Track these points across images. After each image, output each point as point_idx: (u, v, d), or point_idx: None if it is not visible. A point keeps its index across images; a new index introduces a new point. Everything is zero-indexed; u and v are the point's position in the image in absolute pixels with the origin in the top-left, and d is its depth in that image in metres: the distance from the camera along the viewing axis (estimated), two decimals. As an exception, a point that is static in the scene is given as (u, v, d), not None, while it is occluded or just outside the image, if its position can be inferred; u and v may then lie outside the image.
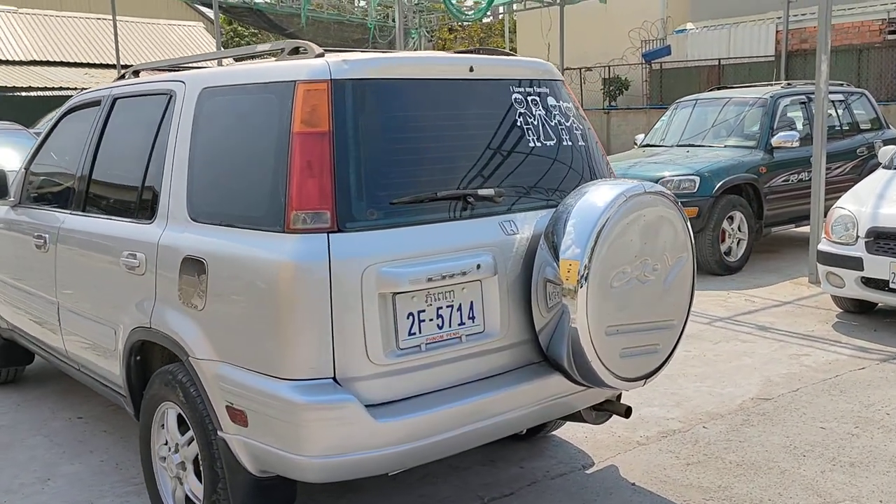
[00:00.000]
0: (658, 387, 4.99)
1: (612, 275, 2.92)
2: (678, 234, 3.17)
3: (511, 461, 4.00)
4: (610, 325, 2.95)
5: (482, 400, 2.87)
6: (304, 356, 2.63)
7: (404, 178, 2.85)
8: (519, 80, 3.29)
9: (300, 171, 2.70)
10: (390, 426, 2.65)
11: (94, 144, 3.90)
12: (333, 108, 2.76)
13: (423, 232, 2.81)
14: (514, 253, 3.01)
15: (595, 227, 2.86)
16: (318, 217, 2.67)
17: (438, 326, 2.83)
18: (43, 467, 4.05)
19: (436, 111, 3.03)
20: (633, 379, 3.11)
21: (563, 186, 3.23)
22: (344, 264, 2.64)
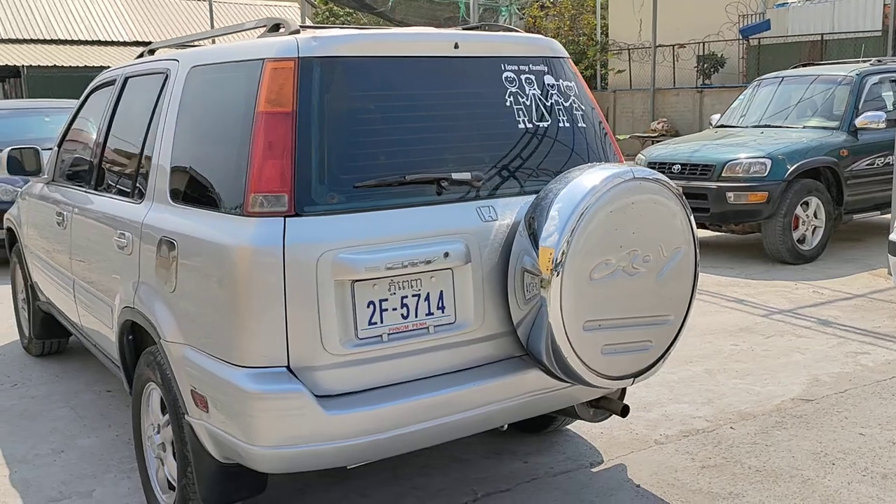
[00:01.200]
0: (693, 382, 4.74)
1: (591, 266, 2.73)
2: (676, 224, 2.95)
3: (516, 455, 3.86)
4: (589, 320, 2.76)
5: (449, 394, 2.74)
6: (258, 343, 2.56)
7: (372, 161, 2.74)
8: (512, 58, 3.12)
9: (261, 153, 2.63)
10: (342, 419, 2.56)
11: (106, 123, 3.94)
12: (299, 87, 2.67)
13: (388, 217, 2.69)
14: (491, 240, 2.86)
15: (572, 214, 2.68)
16: (277, 200, 2.59)
17: (403, 316, 2.71)
18: (61, 439, 4.16)
19: (415, 91, 2.90)
20: (618, 377, 2.92)
21: (556, 171, 3.05)
22: (298, 250, 2.55)
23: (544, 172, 3.03)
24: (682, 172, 8.13)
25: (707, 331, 5.76)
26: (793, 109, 8.91)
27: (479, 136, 2.97)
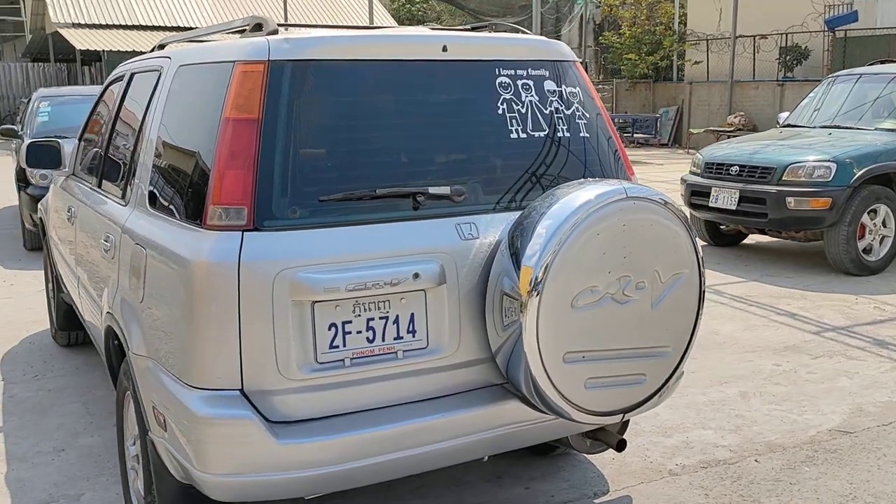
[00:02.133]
0: (724, 406, 4.44)
1: (574, 293, 2.50)
2: (677, 247, 2.69)
3: (519, 479, 3.65)
4: (570, 352, 2.54)
5: (416, 424, 2.56)
6: (211, 364, 2.43)
7: (341, 174, 2.56)
8: (508, 62, 2.89)
9: (224, 162, 2.48)
10: (295, 448, 2.40)
11: (111, 120, 3.88)
12: (267, 92, 2.51)
13: (354, 234, 2.51)
14: (470, 260, 2.65)
15: (552, 237, 2.45)
16: (236, 213, 2.44)
17: (368, 340, 2.53)
18: (65, 437, 4.14)
19: (396, 97, 2.71)
20: (605, 413, 2.68)
21: (550, 184, 2.82)
22: (254, 267, 2.40)
23: (537, 187, 2.81)
24: (741, 174, 7.72)
25: (749, 348, 5.42)
26: (868, 109, 8.36)
27: (465, 146, 2.76)
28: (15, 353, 5.43)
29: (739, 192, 7.63)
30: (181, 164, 2.80)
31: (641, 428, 4.17)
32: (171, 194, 2.81)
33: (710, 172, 8.09)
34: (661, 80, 24.41)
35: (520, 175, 2.82)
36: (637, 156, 19.67)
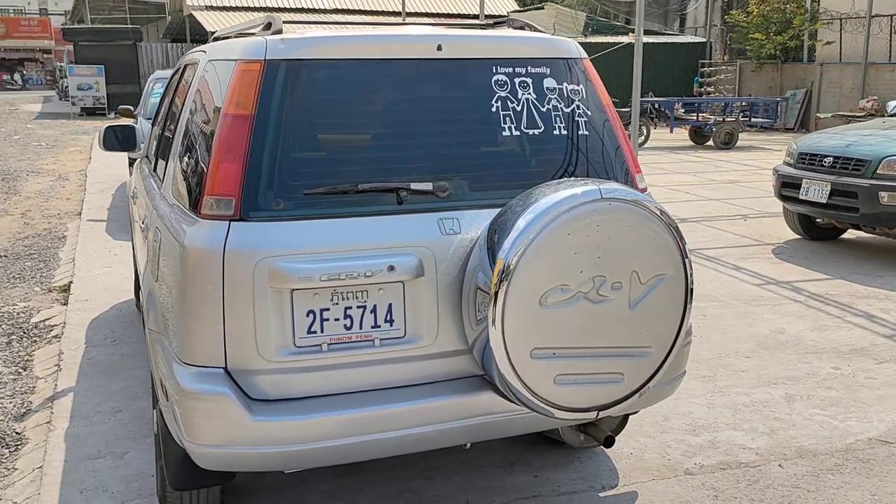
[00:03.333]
0: (764, 407, 4.34)
1: (543, 290, 2.55)
2: (659, 248, 2.68)
3: (529, 467, 3.72)
4: (538, 348, 2.59)
5: (388, 410, 2.67)
6: (198, 343, 2.63)
7: (326, 168, 2.70)
8: (506, 60, 2.94)
9: (219, 155, 2.67)
10: (269, 425, 2.57)
11: (166, 108, 4.16)
12: (261, 89, 2.67)
13: (333, 227, 2.65)
14: (451, 254, 2.74)
15: (520, 235, 2.50)
16: (225, 204, 2.62)
17: (346, 327, 2.66)
18: (125, 399, 4.50)
19: (387, 95, 2.82)
20: (577, 409, 2.71)
21: (540, 182, 2.85)
22: (238, 255, 2.57)
23: (525, 184, 2.85)
24: (834, 166, 7.38)
25: (812, 349, 5.23)
26: None
27: (454, 143, 2.84)
28: (102, 319, 5.89)
29: (831, 184, 7.29)
30: (192, 156, 3.01)
31: (670, 425, 4.14)
32: (183, 183, 3.03)
33: (803, 163, 7.76)
34: (789, 62, 23.29)
35: (510, 172, 2.87)
36: (756, 141, 18.93)
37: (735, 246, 8.21)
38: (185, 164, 3.08)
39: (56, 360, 5.08)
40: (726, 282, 6.84)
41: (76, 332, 5.58)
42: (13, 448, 4.06)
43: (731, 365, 4.96)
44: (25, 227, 9.64)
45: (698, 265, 7.36)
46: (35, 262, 7.83)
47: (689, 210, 10.14)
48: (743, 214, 9.90)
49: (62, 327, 5.72)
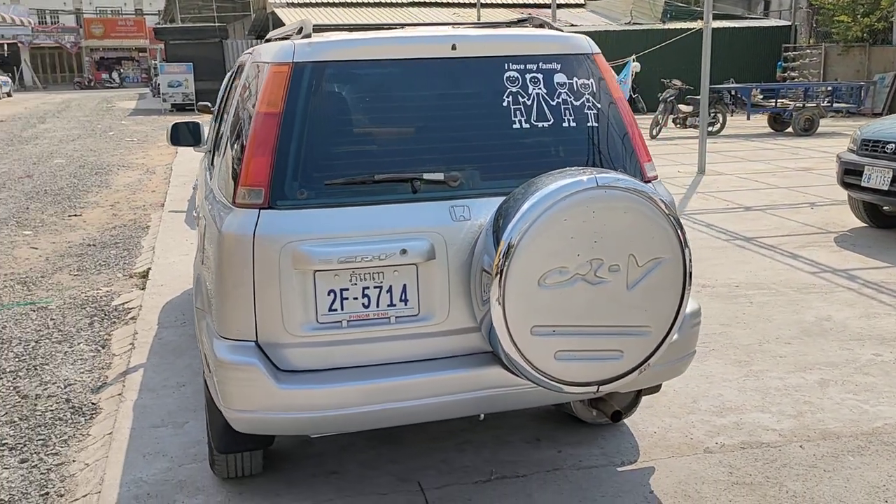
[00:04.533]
0: (796, 391, 4.42)
1: (541, 272, 2.75)
2: (655, 233, 2.84)
3: (556, 443, 3.92)
4: (538, 325, 2.79)
5: (402, 381, 2.92)
6: (233, 319, 2.93)
7: (347, 161, 2.96)
8: (518, 57, 3.14)
9: (252, 149, 2.96)
10: (293, 393, 2.85)
11: (221, 106, 4.50)
12: (289, 89, 2.95)
13: (351, 214, 2.90)
14: (461, 239, 2.96)
15: (519, 221, 2.71)
16: (256, 194, 2.91)
17: (364, 305, 2.92)
18: (189, 375, 4.88)
19: (404, 92, 3.06)
20: (578, 384, 2.90)
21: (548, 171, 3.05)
22: (266, 240, 2.86)
23: (534, 174, 3.04)
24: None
25: (856, 336, 5.24)
26: None
27: (467, 136, 3.06)
28: (175, 303, 6.33)
29: (893, 171, 7.18)
30: (234, 150, 3.32)
31: (698, 406, 4.27)
32: (226, 175, 3.34)
33: (866, 150, 7.65)
34: (877, 44, 22.48)
35: (520, 163, 3.07)
36: (840, 127, 18.39)
37: (796, 234, 8.15)
38: (229, 158, 3.39)
39: (131, 340, 5.52)
40: (780, 270, 6.84)
41: (150, 315, 6.03)
42: (88, 416, 4.48)
43: (770, 351, 5.03)
44: (113, 217, 10.29)
45: (754, 253, 7.37)
46: (119, 251, 8.40)
47: (756, 198, 10.06)
48: (811, 203, 9.76)
49: (138, 310, 6.18)
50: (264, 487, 3.55)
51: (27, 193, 12.10)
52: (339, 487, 3.55)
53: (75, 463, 3.97)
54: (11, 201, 11.48)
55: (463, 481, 3.58)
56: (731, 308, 5.84)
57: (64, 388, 4.87)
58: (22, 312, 6.38)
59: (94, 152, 17.52)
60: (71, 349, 5.52)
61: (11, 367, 5.22)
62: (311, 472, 3.68)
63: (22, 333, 5.86)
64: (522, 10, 28.26)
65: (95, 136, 21.22)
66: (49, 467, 3.94)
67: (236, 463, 3.41)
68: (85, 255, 8.28)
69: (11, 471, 3.91)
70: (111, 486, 3.62)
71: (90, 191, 12.37)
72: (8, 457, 4.06)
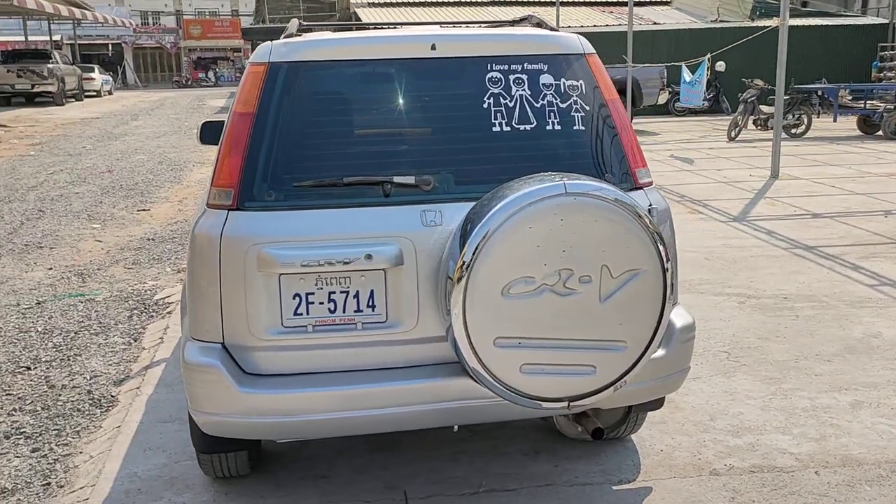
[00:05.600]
0: (824, 413, 4.16)
1: (505, 281, 2.64)
2: (631, 244, 2.69)
3: (555, 456, 3.78)
4: (502, 337, 2.68)
5: (366, 389, 2.86)
6: (202, 320, 2.92)
7: (316, 163, 2.91)
8: (501, 57, 3.03)
9: (225, 150, 2.94)
10: (253, 397, 2.82)
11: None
12: (263, 89, 2.92)
13: (317, 217, 2.86)
14: (431, 245, 2.87)
15: (481, 226, 2.61)
16: (226, 195, 2.90)
17: (330, 310, 2.87)
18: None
19: (380, 93, 3.00)
20: (547, 399, 2.78)
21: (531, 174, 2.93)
22: (233, 241, 2.84)
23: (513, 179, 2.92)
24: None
25: (904, 354, 4.91)
26: None
27: (443, 139, 2.97)
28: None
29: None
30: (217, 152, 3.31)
31: (713, 424, 4.06)
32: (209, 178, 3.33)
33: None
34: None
35: (498, 167, 2.96)
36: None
37: (863, 244, 7.71)
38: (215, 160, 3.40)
39: (161, 334, 5.63)
40: (836, 281, 6.47)
41: (186, 310, 6.14)
42: (105, 409, 4.58)
43: (806, 368, 4.75)
44: (178, 213, 10.56)
45: (811, 263, 7.01)
46: (174, 245, 8.60)
47: (828, 204, 9.59)
48: (886, 210, 9.23)
49: (176, 305, 6.30)
50: (251, 489, 3.54)
51: (104, 188, 12.56)
52: (324, 491, 3.51)
53: (81, 454, 4.06)
54: (88, 195, 11.92)
55: (449, 493, 3.49)
56: (773, 321, 5.55)
57: (89, 379, 5.00)
58: (71, 304, 6.59)
59: (176, 149, 18.08)
60: (105, 341, 5.67)
61: (48, 357, 5.40)
62: (300, 474, 3.65)
63: (65, 324, 6.06)
64: (603, 8, 27.81)
65: (180, 134, 21.90)
66: (57, 458, 4.04)
67: (221, 463, 3.41)
68: (143, 249, 8.51)
69: (22, 459, 4.03)
70: (106, 480, 3.68)
71: (163, 186, 12.75)
72: (22, 445, 4.18)
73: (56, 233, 9.36)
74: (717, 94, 22.11)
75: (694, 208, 9.59)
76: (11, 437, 4.28)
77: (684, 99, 17.87)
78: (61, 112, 29.32)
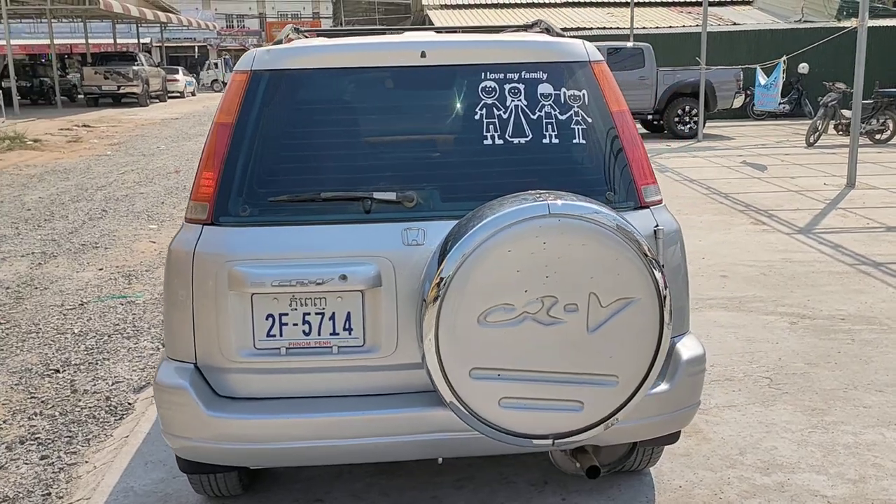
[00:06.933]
0: (869, 451, 3.82)
1: (482, 308, 2.44)
2: (622, 270, 2.46)
3: (564, 489, 3.55)
4: (479, 367, 2.48)
5: (338, 418, 2.69)
6: (176, 339, 2.81)
7: (294, 177, 2.76)
8: (496, 65, 2.83)
9: (203, 162, 2.83)
10: (221, 422, 2.69)
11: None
12: (244, 98, 2.80)
13: (295, 234, 2.71)
14: (413, 265, 2.69)
15: (458, 249, 2.42)
16: (202, 209, 2.78)
17: (304, 333, 2.71)
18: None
19: (368, 104, 2.83)
20: (529, 436, 2.56)
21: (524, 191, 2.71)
22: (205, 257, 2.71)
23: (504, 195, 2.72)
24: None
25: (967, 387, 4.48)
26: None
27: (431, 152, 2.79)
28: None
29: None
30: None
31: (742, 459, 3.76)
32: None
33: None
34: None
35: (489, 183, 2.76)
36: None
37: (938, 261, 7.19)
38: None
39: (189, 340, 5.59)
40: (903, 302, 6.02)
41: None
42: (119, 417, 4.55)
43: (855, 399, 4.38)
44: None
45: (877, 281, 6.55)
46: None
47: (904, 217, 9.01)
48: (969, 225, 8.61)
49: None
50: (243, 510, 3.43)
51: (168, 189, 12.77)
52: (317, 517, 3.37)
53: (87, 464, 4.02)
54: (152, 195, 12.14)
55: (446, 524, 3.31)
56: (825, 345, 5.17)
57: (111, 385, 4.99)
58: (111, 306, 6.65)
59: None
60: (135, 346, 5.67)
61: (77, 361, 5.42)
62: (295, 496, 3.52)
63: (101, 327, 6.09)
64: (680, 8, 27.04)
65: (252, 134, 22.21)
66: (62, 466, 4.01)
67: (211, 483, 3.29)
68: (192, 251, 8.55)
69: (29, 466, 4.01)
70: (101, 493, 3.62)
71: (225, 188, 12.87)
72: (33, 452, 4.17)
73: (114, 233, 9.52)
74: (799, 97, 21.22)
75: (758, 219, 9.14)
76: (25, 443, 4.28)
77: (758, 102, 17.17)
78: (144, 113, 30.20)
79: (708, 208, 9.84)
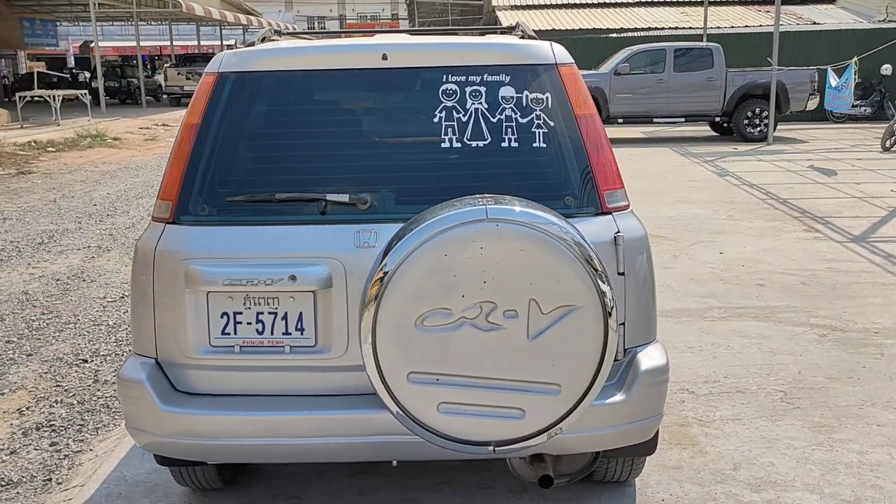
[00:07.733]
0: (872, 471, 3.67)
1: (419, 312, 2.43)
2: (563, 277, 2.41)
3: (540, 497, 3.49)
4: (416, 372, 2.47)
5: (287, 417, 2.71)
6: (140, 335, 2.88)
7: (252, 177, 2.80)
8: (457, 68, 2.81)
9: (171, 161, 2.89)
10: (175, 417, 2.74)
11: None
12: (210, 100, 2.86)
13: (248, 233, 2.75)
14: (364, 267, 2.69)
15: (395, 253, 2.41)
16: (165, 207, 2.85)
17: (258, 332, 2.75)
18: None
19: (329, 106, 2.86)
20: (469, 442, 2.53)
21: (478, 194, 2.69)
22: (165, 255, 2.78)
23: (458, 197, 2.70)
24: None
25: None
26: None
27: (388, 155, 2.79)
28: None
29: None
30: None
31: (735, 475, 3.64)
32: None
33: None
34: None
35: (444, 186, 2.74)
36: None
37: None
38: None
39: (211, 335, 5.72)
40: (945, 316, 5.72)
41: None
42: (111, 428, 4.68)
43: (869, 416, 4.19)
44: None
45: (923, 294, 6.24)
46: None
47: (968, 226, 8.56)
48: None
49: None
50: (224, 503, 3.49)
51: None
52: (292, 514, 3.41)
53: (90, 452, 4.16)
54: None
55: (416, 526, 3.30)
56: (851, 358, 4.95)
57: (130, 376, 5.13)
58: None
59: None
60: (161, 339, 5.83)
61: (106, 351, 5.62)
62: (274, 493, 3.57)
63: (135, 320, 6.28)
64: (758, 7, 26.26)
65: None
66: (68, 454, 4.16)
67: (190, 475, 3.37)
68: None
69: (38, 452, 4.17)
70: (95, 481, 3.74)
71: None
72: (45, 438, 4.34)
73: (168, 229, 9.81)
74: (881, 99, 20.38)
75: (811, 226, 8.81)
76: (41, 429, 4.45)
77: (829, 104, 16.51)
78: (221, 112, 31.03)
79: (761, 214, 9.54)
